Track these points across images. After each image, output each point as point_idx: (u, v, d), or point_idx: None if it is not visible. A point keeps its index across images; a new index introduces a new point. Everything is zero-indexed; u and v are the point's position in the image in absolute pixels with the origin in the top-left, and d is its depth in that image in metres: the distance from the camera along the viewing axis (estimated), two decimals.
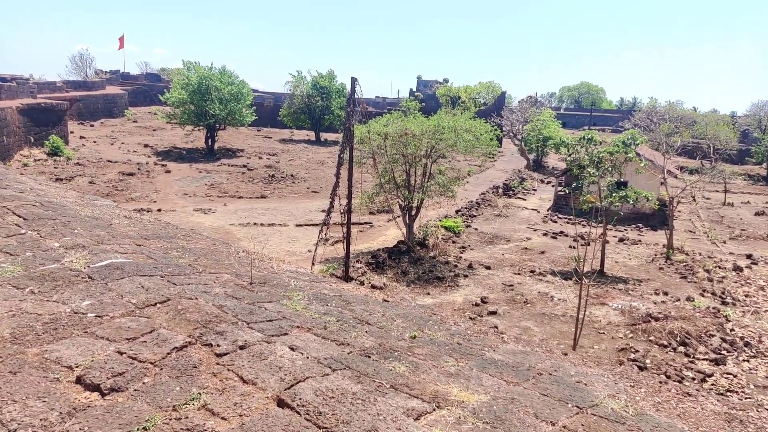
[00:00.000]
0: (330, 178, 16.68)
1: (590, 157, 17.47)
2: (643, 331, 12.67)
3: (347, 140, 14.04)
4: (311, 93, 50.67)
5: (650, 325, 12.82)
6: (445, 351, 3.81)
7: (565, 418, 2.93)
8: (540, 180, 39.67)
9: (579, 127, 59.80)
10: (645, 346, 11.95)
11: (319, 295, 4.83)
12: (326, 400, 2.68)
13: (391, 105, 59.45)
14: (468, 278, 16.62)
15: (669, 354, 11.53)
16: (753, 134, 53.39)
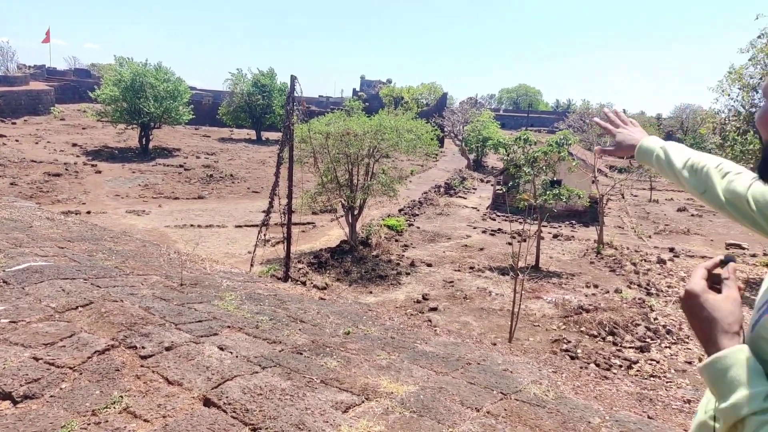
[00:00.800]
0: (272, 177, 16.47)
1: (526, 157, 18.03)
2: (575, 322, 13.21)
3: (287, 139, 13.91)
4: (252, 91, 49.81)
5: (582, 316, 13.38)
6: (378, 345, 3.87)
7: (489, 404, 3.04)
8: (480, 179, 40.58)
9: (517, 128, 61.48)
10: (577, 336, 12.46)
11: (253, 295, 4.79)
12: (254, 397, 2.68)
13: (334, 104, 59.31)
14: (410, 276, 16.81)
15: (599, 343, 12.07)
16: (676, 135, 56.69)
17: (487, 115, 47.95)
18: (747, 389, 0.83)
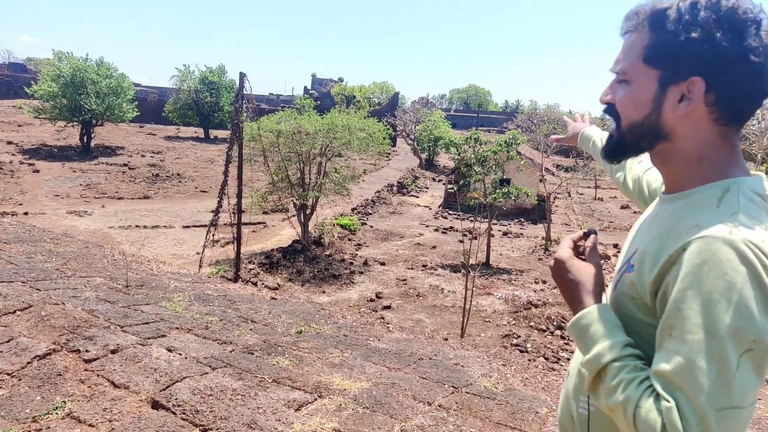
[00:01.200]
0: (220, 176, 16.13)
1: (476, 156, 18.36)
2: (525, 317, 13.56)
3: (236, 137, 13.68)
4: (199, 88, 48.60)
5: (531, 311, 13.75)
6: (331, 343, 3.87)
7: (441, 397, 3.10)
8: (432, 178, 41.03)
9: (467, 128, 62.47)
10: (526, 331, 12.79)
11: (202, 295, 4.70)
12: (204, 398, 2.63)
13: (285, 102, 58.64)
14: (363, 275, 16.83)
15: (547, 337, 12.43)
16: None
17: (438, 115, 48.51)
18: (607, 340, 0.91)
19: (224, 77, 50.46)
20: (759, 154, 10.47)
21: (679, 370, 0.82)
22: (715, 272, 0.82)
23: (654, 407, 0.83)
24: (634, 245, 1.02)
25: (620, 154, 1.06)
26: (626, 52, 0.99)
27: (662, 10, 0.93)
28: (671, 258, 0.88)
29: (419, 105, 53.56)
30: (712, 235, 0.85)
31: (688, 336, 0.83)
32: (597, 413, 1.03)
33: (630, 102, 0.98)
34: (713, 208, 0.91)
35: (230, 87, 48.90)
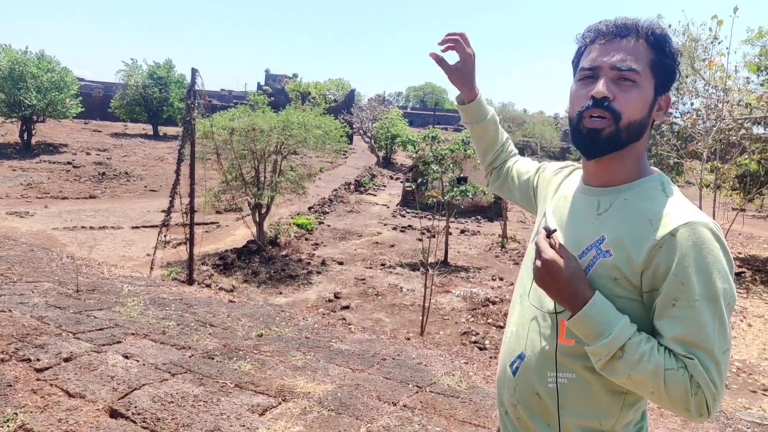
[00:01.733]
0: (171, 175, 15.70)
1: (434, 155, 18.52)
2: (483, 314, 13.78)
3: (188, 135, 13.33)
4: (147, 83, 47.11)
5: (488, 308, 13.98)
6: (293, 346, 3.83)
7: (405, 397, 3.11)
8: (390, 176, 41.12)
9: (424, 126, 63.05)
10: (485, 328, 13.00)
11: (158, 299, 4.57)
12: (165, 405, 2.56)
13: (237, 99, 57.57)
14: (321, 275, 16.73)
15: None
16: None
17: (395, 113, 48.63)
18: (619, 321, 1.04)
19: (173, 72, 49.14)
20: (704, 152, 10.95)
21: (693, 332, 1.01)
22: (705, 250, 1.02)
23: (677, 366, 1.01)
24: (590, 233, 1.14)
25: (611, 149, 1.13)
26: (630, 54, 1.10)
27: (663, 36, 1.12)
28: (659, 242, 1.04)
29: (376, 102, 53.53)
30: (693, 221, 1.03)
31: (695, 303, 1.01)
32: (567, 385, 1.14)
33: (639, 102, 1.11)
34: (664, 197, 1.10)
35: (179, 82, 47.65)
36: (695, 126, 10.80)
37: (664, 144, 15.35)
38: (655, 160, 16.62)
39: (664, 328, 1.04)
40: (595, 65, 1.12)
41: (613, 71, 1.10)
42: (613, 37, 1.11)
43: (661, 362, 1.01)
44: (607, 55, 1.11)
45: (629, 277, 1.06)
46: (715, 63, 12.43)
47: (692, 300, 1.01)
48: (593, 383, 1.12)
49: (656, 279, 1.04)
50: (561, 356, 1.14)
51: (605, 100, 1.09)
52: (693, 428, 3.77)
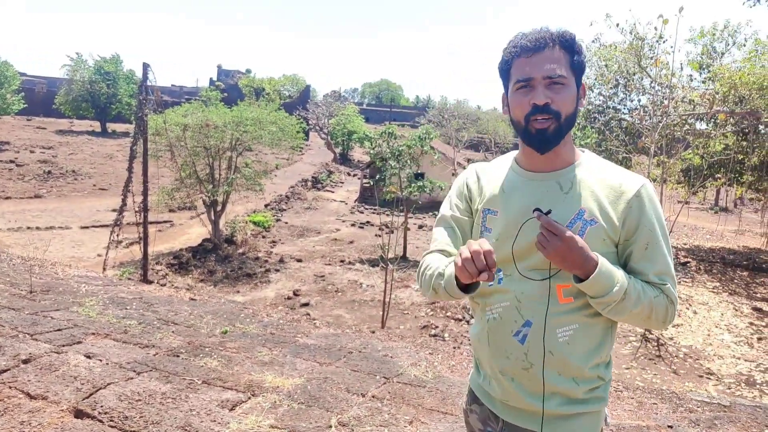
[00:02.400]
0: (121, 173, 15.26)
1: (391, 151, 18.60)
2: (441, 308, 13.97)
3: (140, 131, 12.98)
4: (94, 79, 45.44)
5: (447, 302, 14.20)
6: (259, 342, 3.82)
7: (374, 388, 3.16)
8: (347, 173, 41.03)
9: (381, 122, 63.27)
10: (444, 321, 13.19)
11: (116, 299, 4.46)
12: (133, 403, 2.52)
13: (189, 94, 56.18)
14: (279, 272, 16.60)
15: (464, 326, 12.90)
16: None
17: (351, 109, 48.51)
18: (618, 273, 1.27)
19: (121, 67, 47.57)
20: (651, 147, 11.39)
21: (663, 264, 1.32)
22: (654, 202, 1.34)
23: (658, 292, 1.31)
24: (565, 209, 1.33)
25: (558, 141, 1.34)
26: (553, 62, 1.31)
27: (572, 39, 1.35)
28: (630, 202, 1.31)
29: (331, 98, 53.32)
30: (644, 183, 1.33)
31: (659, 242, 1.32)
32: (574, 335, 1.33)
33: (569, 99, 1.33)
34: (607, 167, 1.38)
35: (128, 77, 46.18)
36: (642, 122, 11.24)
37: (614, 139, 15.89)
38: (605, 155, 17.19)
39: (644, 267, 1.32)
40: (529, 77, 1.31)
41: (545, 80, 1.30)
42: (536, 51, 1.31)
43: (650, 294, 1.29)
44: (538, 67, 1.30)
45: (611, 236, 1.32)
46: (660, 61, 12.98)
47: (657, 240, 1.32)
48: (592, 326, 1.34)
49: (630, 231, 1.32)
50: (564, 314, 1.32)
51: (547, 105, 1.30)
52: (648, 408, 3.97)
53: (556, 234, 1.25)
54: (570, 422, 1.35)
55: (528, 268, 1.35)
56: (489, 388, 1.44)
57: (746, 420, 3.72)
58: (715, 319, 12.08)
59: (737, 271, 16.99)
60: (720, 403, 4.19)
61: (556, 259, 1.26)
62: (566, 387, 1.33)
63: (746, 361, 9.82)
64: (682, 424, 3.53)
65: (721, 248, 20.26)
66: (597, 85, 17.33)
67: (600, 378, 1.37)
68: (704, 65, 16.19)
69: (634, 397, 3.99)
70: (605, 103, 17.59)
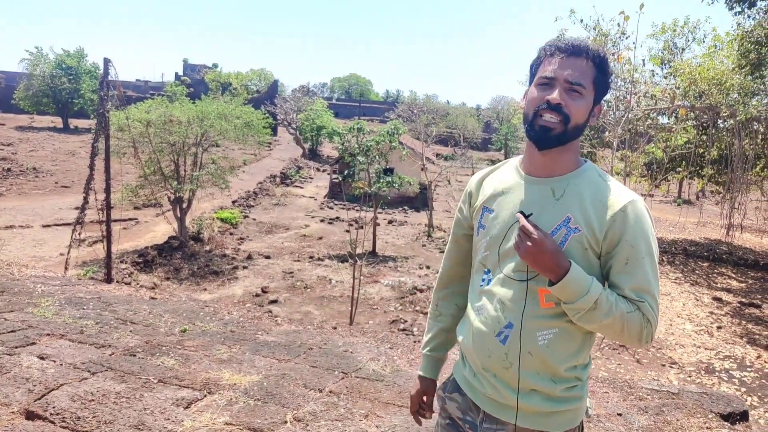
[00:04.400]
0: (84, 170, 14.91)
1: (360, 146, 18.62)
2: (411, 302, 14.09)
3: (102, 128, 12.69)
4: (56, 73, 44.16)
5: (416, 296, 14.32)
6: (218, 340, 3.82)
7: (332, 383, 3.21)
8: (316, 168, 40.83)
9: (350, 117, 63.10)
10: (413, 315, 13.31)
11: (74, 299, 4.41)
12: (86, 404, 2.52)
13: (154, 89, 55.04)
14: (247, 269, 16.48)
15: None
16: (493, 125, 62.58)
17: (320, 104, 48.23)
18: (591, 281, 1.30)
19: (84, 61, 46.32)
20: (615, 142, 11.65)
21: (642, 281, 1.33)
22: (643, 220, 1.35)
23: (633, 308, 1.32)
24: (554, 215, 1.38)
25: (558, 144, 1.40)
26: (581, 71, 1.37)
27: (605, 59, 1.41)
28: (615, 216, 1.34)
29: (300, 93, 52.87)
30: (633, 200, 1.36)
31: (642, 260, 1.33)
32: (553, 339, 1.38)
33: (583, 109, 1.39)
34: (604, 181, 1.41)
35: (91, 72, 45.00)
36: (606, 116, 11.48)
37: None
38: None
39: (621, 281, 1.34)
40: (552, 76, 1.38)
41: (566, 83, 1.36)
42: (569, 55, 1.38)
43: (623, 308, 1.31)
44: (564, 69, 1.37)
45: (593, 246, 1.36)
46: (623, 57, 13.28)
47: (639, 258, 1.33)
48: (571, 332, 1.39)
49: (611, 244, 1.35)
50: (545, 318, 1.37)
51: (559, 105, 1.36)
52: (599, 397, 4.11)
53: (528, 235, 1.31)
54: (549, 418, 1.41)
55: (511, 269, 1.40)
56: (474, 381, 1.49)
57: (692, 406, 3.89)
58: (677, 309, 12.43)
59: (698, 262, 17.53)
60: (669, 390, 4.37)
61: (527, 259, 1.33)
62: (544, 386, 1.39)
63: (706, 349, 10.15)
64: (631, 411, 3.66)
65: (683, 240, 20.84)
66: None
67: (577, 378, 1.43)
68: (666, 61, 16.58)
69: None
70: None
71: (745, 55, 12.33)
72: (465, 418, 1.52)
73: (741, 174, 13.98)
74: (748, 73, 12.36)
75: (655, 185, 17.59)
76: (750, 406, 7.76)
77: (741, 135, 13.20)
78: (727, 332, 11.06)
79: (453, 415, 1.56)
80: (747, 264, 17.36)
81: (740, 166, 13.62)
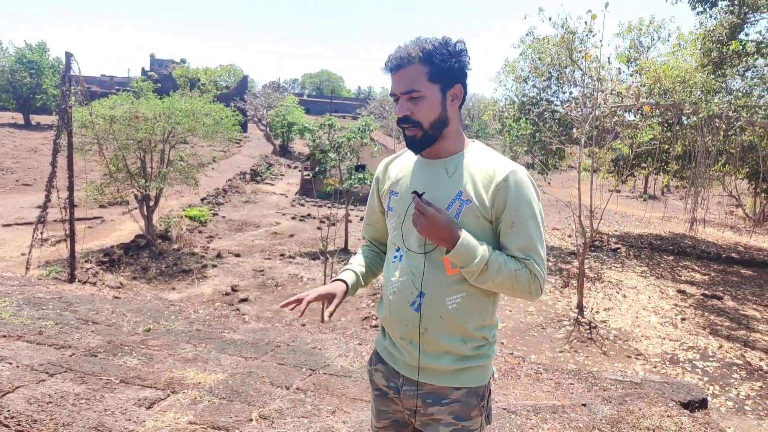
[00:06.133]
0: (46, 167, 14.51)
1: (331, 143, 18.53)
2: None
3: (64, 124, 12.36)
4: (16, 68, 42.81)
5: None
6: (183, 339, 3.76)
7: (299, 380, 3.18)
8: (287, 165, 40.48)
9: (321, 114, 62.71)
10: None
11: (33, 299, 4.27)
12: (43, 406, 2.44)
13: (120, 85, 53.74)
14: (217, 268, 16.27)
15: None
16: (464, 121, 63.15)
17: (291, 100, 47.81)
18: (481, 246, 1.44)
19: (46, 56, 45.01)
20: (583, 138, 11.82)
21: (527, 242, 1.47)
22: (523, 187, 1.48)
23: (520, 266, 1.46)
24: (448, 190, 1.51)
25: (427, 145, 1.53)
26: (410, 79, 1.47)
27: (429, 51, 1.47)
28: (498, 185, 1.47)
29: (270, 89, 52.33)
30: (514, 169, 1.49)
31: (525, 222, 1.47)
32: (461, 303, 1.51)
33: (429, 108, 1.50)
34: (489, 156, 1.55)
35: (55, 67, 43.77)
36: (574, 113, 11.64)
37: (547, 130, 16.40)
38: (539, 146, 17.69)
39: (509, 243, 1.48)
40: (393, 93, 1.52)
41: (404, 95, 1.49)
42: (396, 70, 1.49)
43: (512, 267, 1.45)
44: (397, 85, 1.50)
45: (484, 214, 1.49)
46: (590, 55, 13.49)
47: (523, 221, 1.47)
48: (476, 294, 1.51)
49: (498, 210, 1.48)
50: (452, 285, 1.50)
51: (407, 117, 1.49)
52: (564, 389, 4.18)
53: (422, 212, 1.45)
54: (458, 375, 1.55)
55: (414, 243, 1.54)
56: (393, 350, 1.61)
57: (654, 395, 3.98)
58: (643, 302, 12.71)
59: (663, 256, 17.97)
60: (632, 380, 4.46)
61: (424, 233, 1.46)
62: (455, 346, 1.52)
63: (671, 340, 10.41)
64: (595, 401, 3.73)
65: (649, 234, 21.30)
66: (531, 77, 17.83)
67: (485, 338, 1.56)
68: (632, 59, 16.90)
69: (553, 378, 4.19)
70: (539, 95, 18.06)
71: (707, 54, 12.67)
72: (389, 385, 1.63)
73: (704, 170, 14.34)
74: (711, 71, 12.69)
75: (622, 181, 17.93)
76: (711, 394, 8.01)
77: (704, 132, 13.54)
78: (691, 324, 11.37)
79: (380, 384, 1.67)
80: (710, 257, 17.88)
81: (703, 161, 13.97)
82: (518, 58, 17.94)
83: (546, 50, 16.07)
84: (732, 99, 13.16)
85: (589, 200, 11.93)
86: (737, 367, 9.15)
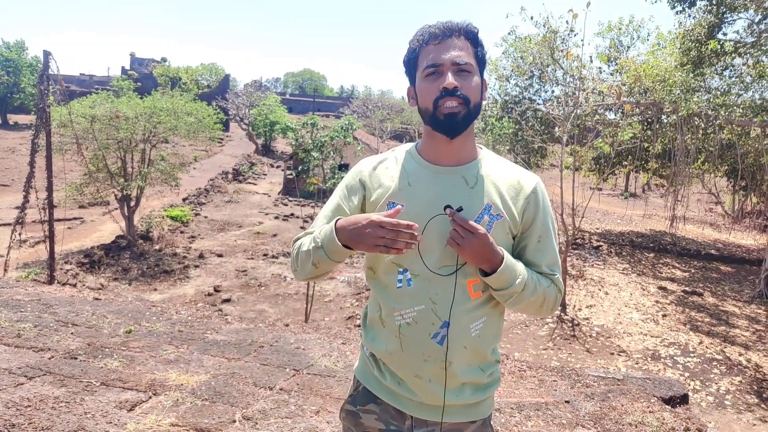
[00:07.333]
0: (25, 168, 14.25)
1: (314, 142, 18.49)
2: (367, 298, 14.10)
3: (43, 123, 12.15)
4: None
5: (371, 291, 14.36)
6: (165, 340, 3.71)
7: (282, 381, 3.17)
8: (270, 164, 40.25)
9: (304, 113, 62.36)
10: None
11: (11, 301, 4.20)
12: (21, 410, 2.40)
13: (99, 84, 52.95)
14: (199, 268, 16.13)
15: None
16: None
17: (273, 99, 47.54)
18: (520, 267, 1.33)
19: (24, 54, 44.26)
20: (565, 136, 11.91)
21: (553, 257, 1.41)
22: (547, 200, 1.44)
23: (549, 282, 1.40)
24: (472, 203, 1.35)
25: (466, 127, 1.36)
26: (462, 50, 1.33)
27: (476, 32, 1.38)
28: (528, 198, 1.39)
29: (252, 88, 51.94)
30: (538, 180, 1.43)
31: (550, 236, 1.41)
32: (483, 328, 1.39)
33: (476, 87, 1.35)
34: (505, 164, 1.44)
35: (32, 66, 43.05)
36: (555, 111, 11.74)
37: (529, 129, 16.51)
38: (521, 144, 17.80)
39: (537, 258, 1.39)
40: (437, 62, 1.32)
41: (453, 66, 1.31)
42: (444, 38, 1.32)
43: (544, 284, 1.38)
44: (446, 53, 1.31)
45: (512, 229, 1.38)
46: (572, 54, 13.60)
47: (548, 234, 1.41)
48: (494, 315, 1.42)
49: (527, 224, 1.40)
50: (475, 309, 1.36)
51: (456, 89, 1.30)
52: (548, 386, 4.21)
53: (471, 232, 1.26)
54: (477, 408, 1.43)
55: (435, 264, 1.33)
56: (399, 389, 1.39)
57: (636, 391, 4.03)
58: (625, 299, 12.84)
59: (644, 253, 18.19)
60: (614, 377, 4.51)
61: (468, 255, 1.28)
62: (475, 376, 1.40)
63: (652, 337, 10.53)
64: (578, 398, 3.76)
65: (630, 232, 21.53)
66: (513, 76, 17.94)
67: (497, 361, 1.47)
68: (612, 58, 17.08)
69: (537, 375, 4.22)
70: (521, 93, 18.17)
71: (686, 53, 12.84)
72: (389, 429, 1.42)
73: (684, 167, 14.55)
74: (690, 70, 12.87)
75: (603, 179, 18.11)
76: (692, 390, 8.14)
77: (683, 130, 13.73)
78: (672, 320, 11.53)
79: (372, 427, 1.44)
80: (690, 254, 18.14)
81: (683, 159, 14.17)
82: (500, 57, 18.04)
83: (528, 49, 16.17)
84: (711, 98, 13.36)
85: (571, 198, 12.04)
86: (717, 363, 9.31)
